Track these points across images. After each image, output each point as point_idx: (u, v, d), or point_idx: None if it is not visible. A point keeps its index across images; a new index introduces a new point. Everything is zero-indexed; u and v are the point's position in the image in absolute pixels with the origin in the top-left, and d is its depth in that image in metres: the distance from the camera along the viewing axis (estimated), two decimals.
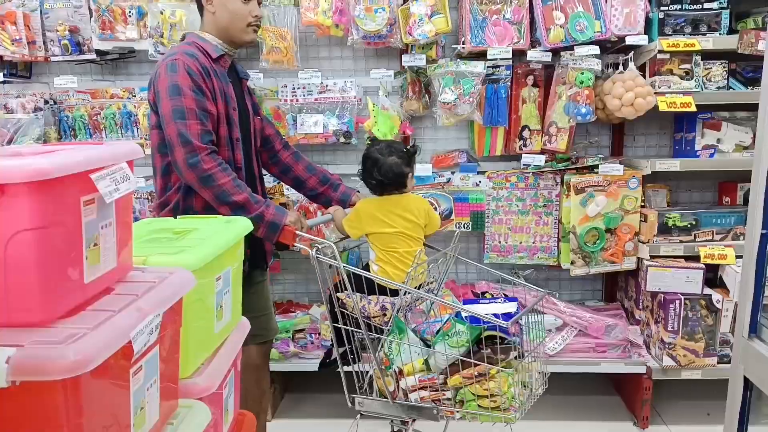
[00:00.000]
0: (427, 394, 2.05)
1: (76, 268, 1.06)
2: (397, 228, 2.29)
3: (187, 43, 2.16)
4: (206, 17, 2.21)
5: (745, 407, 1.51)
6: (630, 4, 2.79)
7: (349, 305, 2.18)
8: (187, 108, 1.99)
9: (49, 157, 0.99)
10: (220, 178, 2.00)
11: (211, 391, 1.45)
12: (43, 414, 0.92)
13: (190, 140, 1.98)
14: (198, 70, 2.04)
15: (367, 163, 2.35)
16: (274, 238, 2.10)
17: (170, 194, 2.16)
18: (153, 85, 2.08)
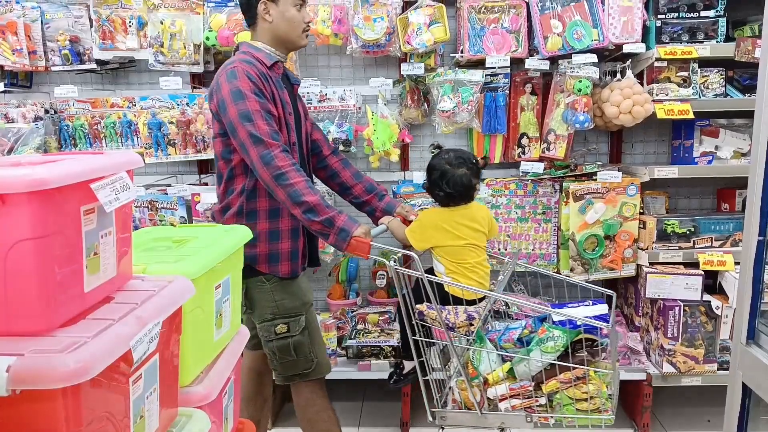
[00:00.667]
0: (518, 402, 2.02)
1: (76, 276, 1.07)
2: (467, 240, 2.26)
3: (242, 52, 2.18)
4: (261, 27, 2.21)
5: (744, 413, 1.51)
6: (627, 13, 2.81)
7: (431, 317, 2.13)
8: (252, 110, 2.01)
9: (50, 166, 0.99)
10: (293, 176, 2.00)
11: (211, 399, 1.45)
12: (43, 422, 0.93)
13: (262, 138, 1.99)
14: (257, 74, 2.07)
15: (434, 174, 2.30)
16: (344, 246, 2.06)
17: (232, 198, 2.17)
18: (214, 94, 2.10)
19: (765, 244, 1.48)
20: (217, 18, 2.89)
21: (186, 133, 2.98)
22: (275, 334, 2.19)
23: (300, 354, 2.21)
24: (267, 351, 2.25)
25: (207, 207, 2.97)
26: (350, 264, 3.38)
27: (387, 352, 2.94)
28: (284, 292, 2.19)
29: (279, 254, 2.17)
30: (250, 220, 2.13)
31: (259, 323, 2.22)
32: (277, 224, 2.16)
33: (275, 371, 2.27)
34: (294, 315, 2.20)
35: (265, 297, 2.18)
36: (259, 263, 2.15)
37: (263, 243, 2.15)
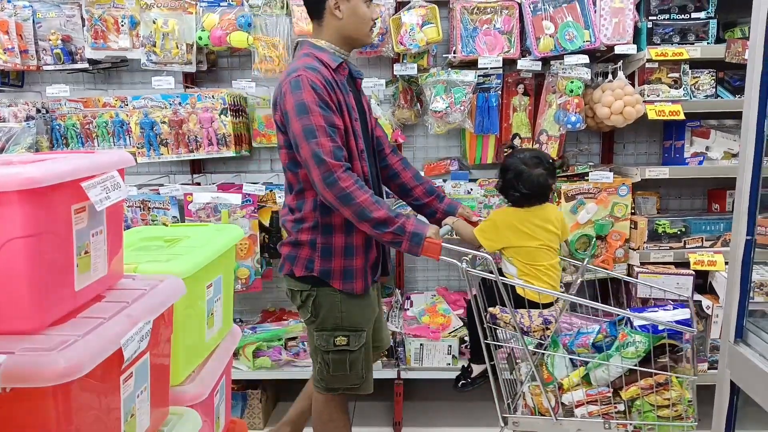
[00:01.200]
0: (596, 408, 1.97)
1: (67, 275, 1.07)
2: (542, 241, 2.21)
3: (305, 54, 2.06)
4: (327, 23, 2.08)
5: (732, 412, 1.52)
6: (619, 14, 2.83)
7: (504, 320, 2.08)
8: (316, 126, 1.91)
9: (40, 165, 1.00)
10: (358, 195, 1.92)
11: (202, 398, 1.46)
12: (34, 421, 0.93)
13: (324, 159, 1.90)
14: (322, 83, 1.96)
15: (509, 174, 2.25)
16: (418, 251, 1.98)
17: (306, 212, 2.07)
18: (279, 105, 2.01)
19: (753, 244, 1.49)
20: (209, 18, 2.89)
21: (178, 132, 2.98)
22: (333, 345, 2.11)
23: (353, 369, 2.14)
24: (319, 360, 2.16)
25: (199, 207, 2.97)
26: None
27: None
28: (353, 305, 2.11)
29: (354, 271, 2.09)
30: (325, 234, 2.06)
31: (317, 331, 2.13)
32: (352, 239, 2.07)
33: (320, 380, 2.18)
34: (357, 330, 2.12)
35: (332, 306, 2.10)
36: (333, 279, 2.07)
37: (338, 258, 2.07)
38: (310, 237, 2.06)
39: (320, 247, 2.05)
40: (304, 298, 2.12)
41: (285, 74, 2.00)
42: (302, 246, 2.08)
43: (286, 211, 2.17)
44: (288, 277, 2.16)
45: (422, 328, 2.95)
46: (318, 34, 2.12)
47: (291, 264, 2.11)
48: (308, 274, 2.07)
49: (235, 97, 3.05)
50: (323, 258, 2.05)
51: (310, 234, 2.07)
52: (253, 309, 3.52)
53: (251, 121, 3.20)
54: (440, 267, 3.49)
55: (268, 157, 3.40)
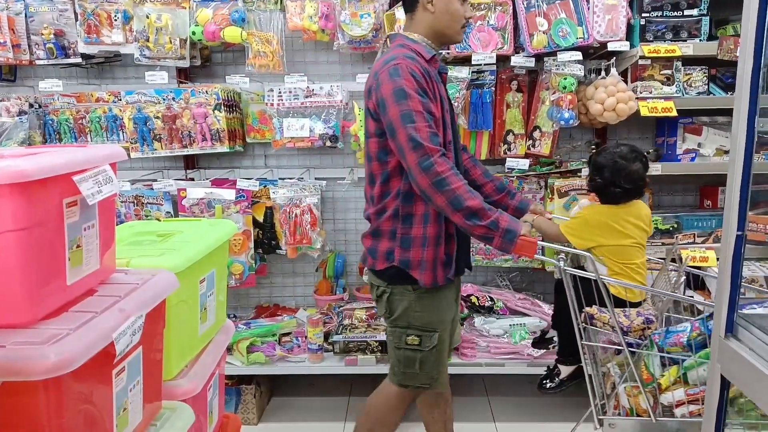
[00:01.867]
0: (696, 408, 1.92)
1: (59, 269, 1.07)
2: (634, 238, 2.16)
3: (399, 45, 2.05)
4: (419, 17, 2.08)
5: (723, 405, 1.53)
6: (612, 11, 2.83)
7: (602, 320, 2.03)
8: (414, 111, 1.89)
9: (32, 159, 0.99)
10: (453, 182, 1.88)
11: (195, 393, 1.46)
12: (25, 414, 0.93)
13: (421, 143, 1.87)
14: (420, 72, 1.95)
15: (605, 171, 2.20)
16: (510, 248, 1.92)
17: (388, 201, 2.05)
18: (374, 92, 1.98)
19: (743, 239, 1.50)
20: (203, 13, 2.88)
21: (172, 128, 2.97)
22: (405, 343, 2.10)
23: (423, 370, 2.12)
24: (392, 354, 2.17)
25: (193, 202, 2.97)
26: (337, 259, 3.39)
27: (373, 347, 2.95)
28: (426, 304, 2.08)
29: (423, 262, 2.04)
30: (405, 223, 2.03)
31: (391, 327, 2.14)
32: (426, 230, 2.03)
33: (393, 373, 2.18)
34: (429, 330, 2.09)
35: (405, 305, 2.08)
36: (411, 268, 2.04)
37: (416, 249, 2.04)
38: (390, 227, 2.05)
39: (400, 237, 2.04)
40: (379, 294, 2.13)
41: (381, 63, 1.99)
42: (383, 236, 2.07)
43: (369, 204, 2.15)
44: (370, 270, 2.17)
45: None
46: (410, 27, 2.12)
47: (372, 258, 2.11)
48: (390, 265, 2.06)
49: (229, 92, 3.05)
50: (403, 248, 2.03)
51: (390, 223, 2.05)
52: (247, 304, 3.52)
53: (245, 117, 3.20)
54: None
55: (262, 152, 3.40)
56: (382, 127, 1.97)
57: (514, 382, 3.34)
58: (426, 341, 2.09)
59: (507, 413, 3.11)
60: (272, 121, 3.08)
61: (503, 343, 2.91)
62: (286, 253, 3.13)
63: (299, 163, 3.40)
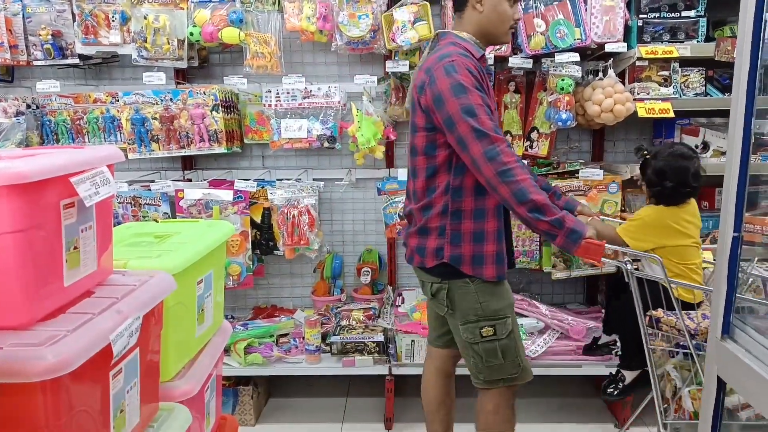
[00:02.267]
0: None
1: (56, 271, 1.07)
2: (694, 238, 2.14)
3: (451, 43, 2.04)
4: (468, 16, 2.07)
5: (719, 407, 1.54)
6: (609, 12, 2.84)
7: (668, 323, 2.00)
8: (475, 104, 1.88)
9: (29, 160, 0.99)
10: (519, 173, 1.85)
11: (192, 394, 1.46)
12: (22, 416, 0.93)
13: (487, 133, 1.85)
14: (476, 69, 1.96)
15: (671, 174, 2.17)
16: (574, 248, 1.89)
17: (435, 196, 2.03)
18: (427, 88, 1.95)
19: (740, 241, 1.50)
20: (201, 13, 2.88)
21: (170, 129, 2.97)
22: (481, 336, 2.06)
23: (507, 358, 2.08)
24: (471, 354, 2.12)
25: (190, 203, 2.97)
26: (335, 260, 3.39)
27: (371, 348, 2.95)
28: (489, 293, 2.06)
29: (484, 257, 2.02)
30: (455, 219, 2.01)
31: (462, 324, 2.09)
32: (482, 225, 2.01)
33: (478, 374, 2.14)
34: (500, 317, 2.07)
35: (469, 298, 2.05)
36: (463, 264, 2.02)
37: (467, 244, 2.01)
38: (439, 223, 2.03)
39: (450, 233, 2.01)
40: (434, 291, 2.10)
41: (434, 59, 1.98)
42: (430, 233, 2.05)
43: (412, 200, 2.13)
44: (418, 268, 2.14)
45: (413, 325, 2.96)
46: (459, 26, 2.12)
47: (421, 256, 2.08)
48: (439, 263, 2.04)
49: (227, 93, 3.04)
50: (453, 244, 2.01)
51: (439, 220, 2.03)
52: (245, 305, 3.52)
53: (243, 118, 3.20)
54: None
55: (260, 153, 3.40)
56: (433, 122, 1.97)
57: None
58: (501, 329, 2.06)
59: None
60: (270, 122, 3.08)
61: None
62: (284, 254, 3.13)
63: (297, 164, 3.41)
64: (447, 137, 1.94)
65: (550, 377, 2.97)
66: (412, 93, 2.08)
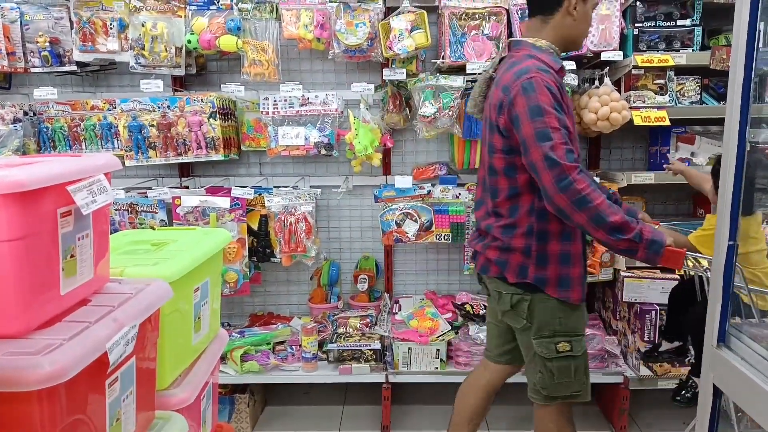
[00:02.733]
0: None
1: (53, 279, 1.07)
2: (763, 243, 2.10)
3: (528, 56, 1.95)
4: (557, 22, 1.98)
5: (715, 415, 1.54)
6: (605, 21, 2.85)
7: None
8: (551, 128, 1.80)
9: (26, 169, 0.99)
10: (594, 198, 1.78)
11: (189, 402, 1.45)
12: (18, 425, 0.93)
13: (558, 162, 1.78)
14: (555, 84, 1.87)
15: None
16: (657, 259, 1.84)
17: (519, 217, 1.97)
18: (506, 109, 1.89)
19: (735, 249, 1.51)
20: (198, 21, 2.89)
21: (167, 136, 2.97)
22: (557, 352, 2.01)
23: (577, 376, 2.04)
24: (540, 369, 2.06)
25: (187, 210, 2.96)
26: (332, 268, 3.39)
27: (368, 355, 2.94)
28: (570, 309, 2.01)
29: (570, 279, 1.97)
30: (540, 241, 1.95)
31: (536, 339, 2.03)
32: (569, 247, 1.96)
33: (541, 389, 2.08)
34: (577, 335, 2.03)
35: (548, 312, 2.00)
36: (548, 286, 1.97)
37: (554, 266, 1.96)
38: (523, 243, 1.96)
39: (535, 254, 1.95)
40: (515, 303, 2.03)
41: (512, 76, 1.90)
42: (513, 252, 1.99)
43: (491, 217, 2.06)
44: (496, 279, 2.07)
45: (410, 332, 2.96)
46: (538, 32, 2.02)
47: (501, 268, 2.03)
48: (521, 281, 1.99)
49: (224, 100, 3.05)
50: (538, 265, 1.96)
51: (523, 240, 1.96)
52: (241, 313, 3.52)
53: (240, 125, 3.21)
54: (429, 271, 3.50)
55: (257, 160, 3.40)
56: (512, 144, 1.91)
57: (508, 390, 3.34)
58: (577, 346, 2.02)
59: (501, 421, 3.11)
60: (267, 130, 3.08)
61: None
62: (281, 261, 3.13)
63: (294, 172, 3.41)
64: (523, 160, 1.88)
65: None
66: (488, 112, 2.01)
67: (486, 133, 2.06)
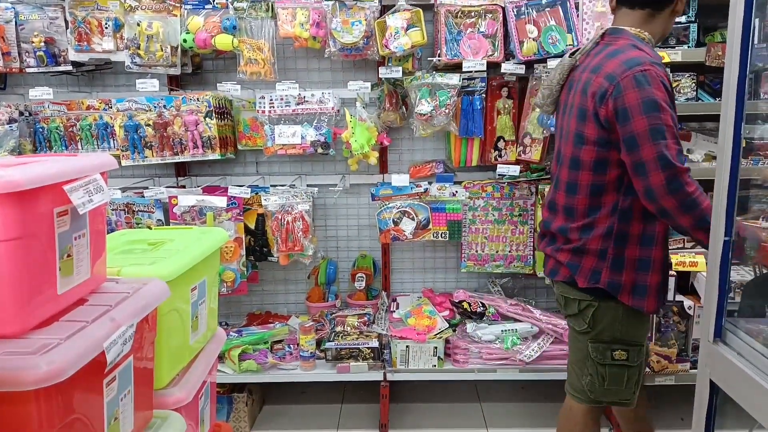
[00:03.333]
0: None
1: (49, 278, 1.07)
2: None
3: (632, 45, 1.85)
4: (662, 18, 1.92)
5: (712, 410, 1.54)
6: (601, 18, 2.86)
7: None
8: (666, 126, 1.72)
9: (23, 168, 0.99)
10: (702, 200, 1.75)
11: (186, 401, 1.45)
12: (16, 424, 0.93)
13: (672, 163, 1.71)
14: (668, 80, 1.78)
15: None
16: None
17: (599, 217, 1.89)
18: (611, 99, 1.78)
19: (731, 245, 1.51)
20: (194, 20, 2.89)
21: (163, 135, 2.97)
22: (611, 359, 1.95)
23: (628, 385, 1.99)
24: (590, 372, 2.01)
25: (184, 210, 2.96)
26: (329, 266, 3.39)
27: (366, 354, 2.95)
28: (635, 318, 1.95)
29: (647, 287, 1.89)
30: (619, 244, 1.87)
31: (593, 342, 1.98)
32: (649, 252, 1.88)
33: (587, 392, 2.04)
34: (637, 344, 1.97)
35: (613, 319, 1.94)
36: (621, 293, 1.89)
37: (630, 271, 1.88)
38: (600, 246, 1.89)
39: (611, 258, 1.88)
40: (582, 308, 1.97)
41: (620, 65, 1.79)
42: (587, 254, 1.92)
43: (565, 217, 1.99)
44: (564, 283, 2.02)
45: (408, 330, 2.96)
46: (644, 25, 1.92)
47: (571, 272, 1.96)
48: (592, 286, 1.92)
49: (220, 99, 3.05)
50: (613, 270, 1.89)
51: (600, 242, 1.89)
52: (239, 312, 3.51)
53: (236, 124, 3.20)
54: (426, 269, 3.50)
55: (254, 159, 3.40)
56: (611, 137, 1.82)
57: (506, 387, 3.35)
58: (634, 356, 1.96)
59: (499, 419, 3.12)
60: (264, 129, 3.08)
61: (495, 349, 2.91)
62: (278, 260, 3.12)
63: (291, 170, 3.41)
64: (623, 156, 1.79)
65: (544, 382, 2.98)
66: (578, 99, 1.91)
67: (571, 123, 1.95)
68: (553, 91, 2.10)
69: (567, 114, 1.99)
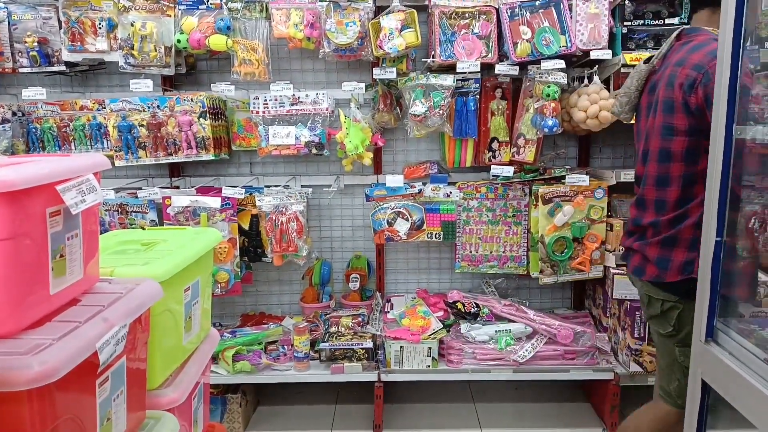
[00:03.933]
0: None
1: (42, 279, 1.07)
2: None
3: (713, 39, 1.87)
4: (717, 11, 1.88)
5: (704, 410, 1.55)
6: (594, 20, 2.87)
7: None
8: None
9: (15, 168, 0.99)
10: None
11: (180, 402, 1.45)
12: (8, 425, 0.92)
13: None
14: None
15: None
16: None
17: (693, 206, 1.90)
18: (700, 87, 1.82)
19: (723, 245, 1.52)
20: (188, 21, 2.88)
21: (157, 136, 2.96)
22: None
23: None
24: (680, 377, 1.98)
25: (178, 210, 2.96)
26: (323, 267, 3.39)
27: (360, 354, 2.95)
28: None
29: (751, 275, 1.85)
30: None
31: (680, 347, 1.96)
32: None
33: (677, 397, 2.01)
34: None
35: None
36: None
37: None
38: (692, 234, 1.89)
39: None
40: (666, 309, 1.97)
41: (707, 55, 1.83)
42: (679, 245, 1.92)
43: (655, 211, 1.99)
44: (650, 283, 2.01)
45: (402, 331, 2.97)
46: (707, 23, 2.00)
47: (661, 269, 1.96)
48: (685, 278, 1.91)
49: (214, 100, 3.04)
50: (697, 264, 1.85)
51: (692, 231, 1.89)
52: (233, 313, 3.51)
53: (230, 125, 3.20)
54: (420, 270, 3.51)
55: (248, 160, 3.40)
56: (702, 125, 1.82)
57: (500, 388, 3.36)
58: None
59: (493, 419, 3.12)
60: (258, 129, 3.08)
61: (489, 349, 2.92)
62: (272, 260, 3.12)
63: (285, 171, 3.41)
64: None
65: (538, 382, 2.99)
66: (669, 93, 1.92)
67: (657, 119, 1.97)
68: (632, 98, 2.14)
69: (650, 113, 2.02)
